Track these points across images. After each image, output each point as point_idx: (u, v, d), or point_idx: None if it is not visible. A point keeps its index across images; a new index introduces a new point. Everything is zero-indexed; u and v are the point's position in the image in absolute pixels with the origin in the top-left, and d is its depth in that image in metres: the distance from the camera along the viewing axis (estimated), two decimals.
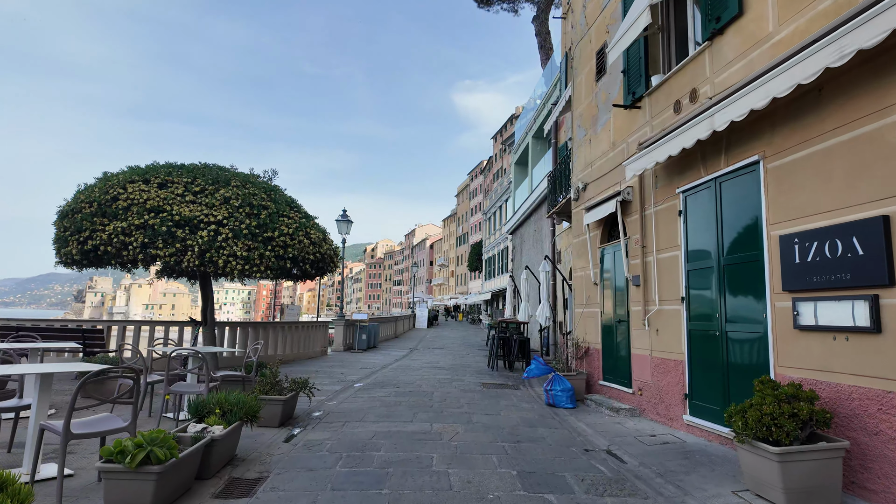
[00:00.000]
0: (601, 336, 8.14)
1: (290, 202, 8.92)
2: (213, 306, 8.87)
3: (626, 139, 7.55)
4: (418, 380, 10.05)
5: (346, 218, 16.49)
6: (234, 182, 8.34)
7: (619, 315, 7.57)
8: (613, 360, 7.76)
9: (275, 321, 13.00)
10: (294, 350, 13.13)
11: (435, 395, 8.31)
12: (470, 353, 16.89)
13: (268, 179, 9.16)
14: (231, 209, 7.95)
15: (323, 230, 9.32)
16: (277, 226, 8.18)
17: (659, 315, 6.49)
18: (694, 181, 5.89)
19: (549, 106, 16.32)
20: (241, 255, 7.78)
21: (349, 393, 8.45)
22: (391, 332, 23.98)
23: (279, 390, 6.21)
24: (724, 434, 5.19)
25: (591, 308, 8.49)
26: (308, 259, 8.51)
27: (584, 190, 8.96)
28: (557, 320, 13.20)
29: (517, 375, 11.16)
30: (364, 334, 16.36)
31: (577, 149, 9.44)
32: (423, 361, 13.75)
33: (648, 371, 6.70)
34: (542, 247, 17.66)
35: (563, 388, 7.64)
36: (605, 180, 8.17)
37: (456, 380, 10.17)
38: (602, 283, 8.19)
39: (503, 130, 63.05)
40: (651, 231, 6.75)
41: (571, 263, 9.51)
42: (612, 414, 7.02)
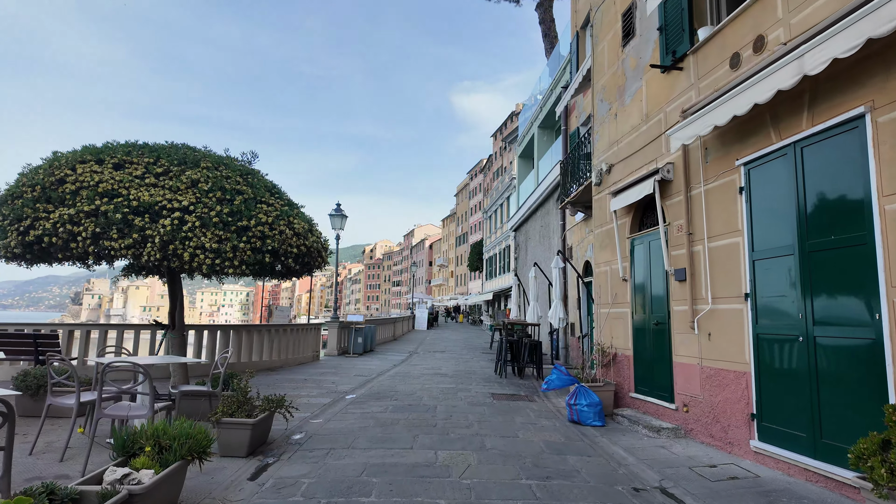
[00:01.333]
0: (632, 340, 6.98)
1: (271, 187, 7.76)
2: (182, 308, 7.70)
3: (662, 108, 6.41)
4: (419, 390, 8.89)
5: (340, 212, 15.32)
6: (204, 164, 7.18)
7: (657, 316, 6.41)
8: (648, 368, 6.60)
9: (260, 324, 11.84)
10: (282, 355, 11.96)
11: (438, 409, 7.15)
12: (474, 356, 15.73)
13: (246, 163, 8.00)
14: (199, 194, 6.79)
15: (309, 220, 8.16)
16: (254, 213, 7.02)
17: (712, 316, 5.34)
18: (761, 149, 4.73)
19: (558, 90, 15.18)
20: (211, 247, 6.62)
21: (339, 408, 7.28)
22: (389, 334, 22.81)
23: (248, 411, 5.04)
24: (814, 468, 4.03)
25: (619, 308, 7.33)
26: (291, 253, 7.35)
27: (608, 172, 7.81)
28: (569, 321, 12.05)
29: (529, 383, 9.99)
30: (360, 337, 15.19)
31: (600, 126, 8.29)
32: (424, 367, 12.58)
33: (697, 383, 5.55)
34: (551, 243, 16.51)
35: (589, 402, 6.48)
36: (636, 159, 7.02)
37: (461, 389, 9.01)
38: (633, 278, 7.04)
39: (503, 128, 61.97)
40: (700, 215, 5.59)
41: (593, 257, 8.36)
42: (652, 434, 5.86)
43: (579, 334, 12.47)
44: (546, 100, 17.53)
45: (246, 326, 11.24)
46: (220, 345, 10.62)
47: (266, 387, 8.97)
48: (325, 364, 12.82)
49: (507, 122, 61.79)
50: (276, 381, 9.58)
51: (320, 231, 8.53)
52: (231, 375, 6.44)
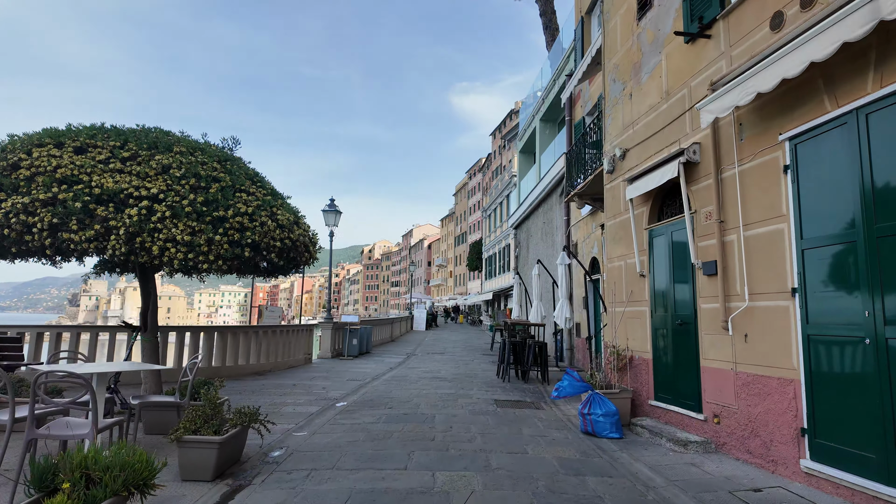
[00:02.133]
0: (651, 342, 6.31)
1: (252, 175, 7.07)
2: (155, 308, 7.01)
3: (686, 83, 5.74)
4: (416, 396, 8.20)
5: (334, 208, 14.62)
6: (177, 148, 6.49)
7: (681, 315, 5.73)
8: (670, 373, 5.92)
9: (248, 325, 11.15)
10: (271, 359, 11.27)
11: (437, 419, 6.46)
12: (474, 359, 15.04)
13: (227, 150, 7.30)
14: (170, 181, 6.10)
15: (295, 211, 7.47)
16: (232, 203, 6.33)
17: (750, 314, 4.66)
18: (811, 120, 4.06)
19: (562, 79, 14.51)
20: (183, 239, 5.92)
21: (327, 417, 6.59)
22: (387, 335, 22.13)
23: (217, 426, 4.36)
24: (887, 497, 3.35)
25: (636, 306, 6.65)
26: (274, 247, 6.65)
27: (622, 158, 7.13)
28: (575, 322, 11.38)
29: (534, 388, 9.31)
30: (354, 339, 14.49)
31: (612, 109, 7.62)
32: (422, 370, 11.89)
33: (731, 391, 4.87)
34: (554, 239, 15.85)
35: (605, 412, 5.80)
36: (654, 141, 6.35)
37: (462, 395, 8.32)
38: (652, 273, 6.36)
39: (502, 126, 61.36)
40: (733, 199, 4.92)
41: (605, 252, 7.69)
42: (678, 449, 5.18)
43: (586, 335, 11.79)
44: (549, 91, 16.87)
45: (232, 328, 10.56)
46: (204, 348, 9.92)
47: (251, 393, 8.29)
48: (318, 367, 12.12)
49: (506, 120, 61.16)
50: (263, 387, 8.89)
51: (308, 224, 7.84)
52: (202, 383, 5.74)
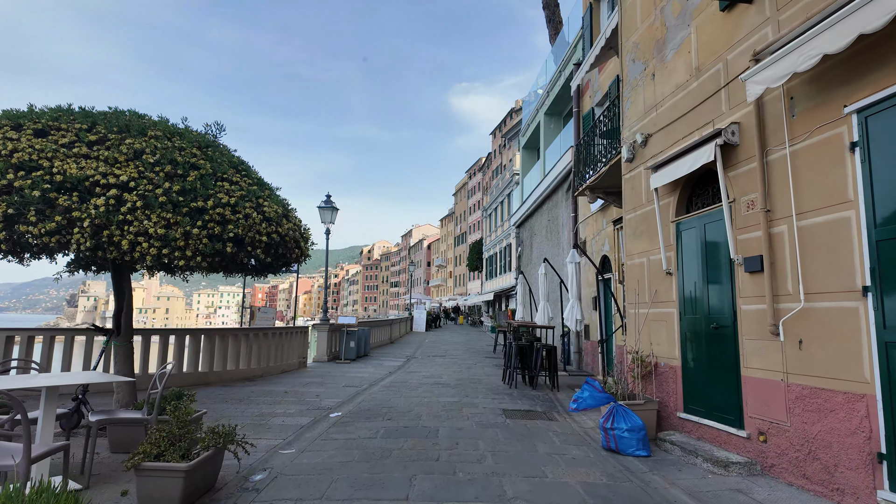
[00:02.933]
0: (680, 347, 5.66)
1: (236, 163, 6.41)
2: (129, 309, 6.35)
3: (721, 56, 5.10)
4: (417, 405, 7.55)
5: (331, 204, 13.96)
6: (152, 132, 5.84)
7: (716, 317, 5.09)
8: (704, 383, 5.27)
9: (238, 328, 10.51)
10: (263, 363, 10.61)
11: (441, 433, 5.81)
12: (476, 362, 14.39)
13: (210, 136, 6.64)
14: (143, 167, 5.45)
15: (284, 204, 6.83)
16: (213, 193, 5.68)
17: (805, 317, 4.02)
18: (887, 88, 3.42)
19: (568, 69, 13.88)
20: (156, 233, 5.28)
21: (319, 431, 5.94)
22: (385, 336, 21.47)
23: (186, 448, 3.71)
24: None
25: (661, 307, 6.01)
26: (259, 242, 6.00)
27: (643, 145, 6.49)
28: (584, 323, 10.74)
29: (544, 395, 8.66)
30: (352, 341, 13.83)
31: (632, 91, 6.98)
32: (423, 375, 11.24)
33: (781, 405, 4.23)
34: (559, 237, 15.22)
35: (631, 427, 5.15)
36: (682, 124, 5.70)
37: (467, 404, 7.67)
38: (680, 271, 5.71)
39: (503, 125, 60.77)
40: (783, 184, 4.28)
41: (624, 248, 7.04)
42: (718, 471, 4.53)
43: (597, 338, 11.15)
44: (553, 84, 16.24)
45: (220, 330, 9.90)
46: (190, 352, 9.27)
47: (238, 402, 7.64)
48: (312, 372, 11.47)
49: (506, 118, 60.59)
50: (252, 395, 8.23)
51: (299, 218, 7.19)
52: (174, 395, 5.08)
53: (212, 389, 8.62)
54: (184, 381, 8.95)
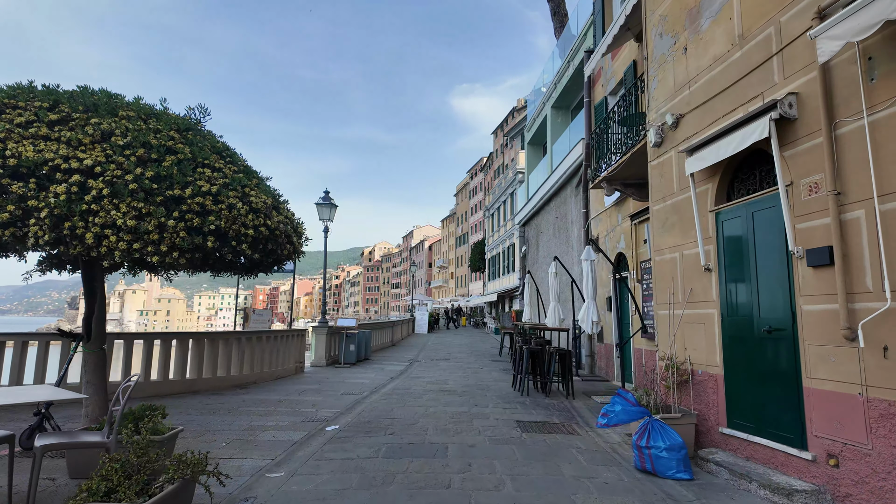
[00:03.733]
0: (722, 353, 4.98)
1: (220, 149, 5.75)
2: (102, 311, 5.69)
3: (773, 19, 4.43)
4: (422, 416, 6.88)
5: (329, 200, 13.30)
6: (124, 112, 5.19)
7: (769, 319, 4.41)
8: (753, 394, 4.60)
9: (230, 331, 9.85)
10: (256, 368, 9.94)
11: (451, 451, 5.14)
12: (483, 366, 13.71)
13: (193, 120, 5.97)
14: (112, 150, 4.79)
15: (274, 194, 6.17)
16: (192, 180, 5.02)
17: (892, 319, 3.35)
18: None
19: (579, 56, 13.21)
20: (126, 225, 4.62)
21: (313, 448, 5.27)
22: (387, 339, 20.80)
23: (143, 482, 3.04)
24: None
25: (698, 308, 5.33)
26: (246, 236, 5.33)
27: (674, 126, 5.82)
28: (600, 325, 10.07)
29: (559, 404, 7.99)
30: (352, 345, 13.16)
31: (659, 69, 6.31)
32: (427, 380, 10.57)
33: (859, 424, 3.55)
34: (568, 235, 14.55)
35: (670, 445, 4.48)
36: (723, 100, 5.03)
37: (477, 415, 7.00)
38: (722, 266, 5.04)
39: (504, 124, 60.20)
40: (860, 162, 3.60)
41: (652, 243, 6.35)
42: (779, 499, 3.85)
43: (613, 341, 10.48)
44: (561, 75, 15.57)
45: (210, 334, 9.24)
46: (177, 358, 8.60)
47: (226, 412, 6.97)
48: (309, 378, 10.80)
49: (508, 118, 60.03)
50: (242, 404, 7.57)
51: (291, 211, 6.54)
52: (144, 411, 4.40)
53: (199, 398, 7.96)
54: (170, 389, 8.29)
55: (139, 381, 8.03)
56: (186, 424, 6.22)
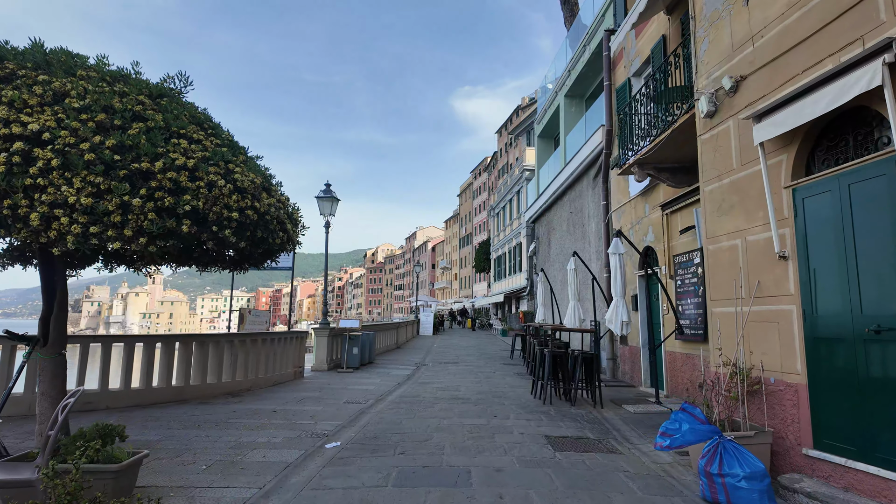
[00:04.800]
0: (804, 359, 4.11)
1: (201, 119, 4.91)
2: (63, 311, 4.85)
3: None
4: (435, 429, 6.03)
5: (331, 193, 12.47)
6: (83, 72, 4.35)
7: (876, 315, 3.53)
8: (852, 408, 3.72)
9: (221, 333, 9.00)
10: (251, 374, 9.10)
11: (475, 477, 4.28)
12: (495, 370, 12.84)
13: (174, 91, 5.10)
14: (65, 114, 3.96)
15: (265, 174, 5.33)
16: (164, 151, 4.18)
17: None
18: None
19: (596, 39, 12.34)
20: (80, 203, 3.79)
21: (309, 472, 4.42)
22: (392, 341, 19.95)
23: None
24: None
25: (769, 304, 4.46)
26: (230, 220, 4.48)
27: (733, 91, 4.95)
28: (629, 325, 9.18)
29: (587, 414, 7.11)
30: (355, 348, 12.32)
31: (710, 29, 5.44)
32: (437, 387, 9.70)
33: None
34: (585, 230, 13.68)
35: (750, 473, 3.60)
36: (802, 53, 4.16)
37: (498, 428, 6.14)
38: (804, 253, 4.16)
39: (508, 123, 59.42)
40: None
41: (704, 229, 5.45)
42: None
43: (640, 342, 9.61)
44: (576, 62, 14.71)
45: (199, 336, 8.41)
46: (162, 363, 7.77)
47: (213, 426, 6.13)
48: (309, 384, 9.94)
49: (512, 116, 59.27)
50: (233, 416, 6.72)
51: (286, 196, 5.70)
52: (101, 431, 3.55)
53: (185, 409, 7.12)
54: (153, 398, 7.45)
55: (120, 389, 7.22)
56: (165, 441, 5.38)
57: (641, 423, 6.61)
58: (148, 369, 7.54)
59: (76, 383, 6.91)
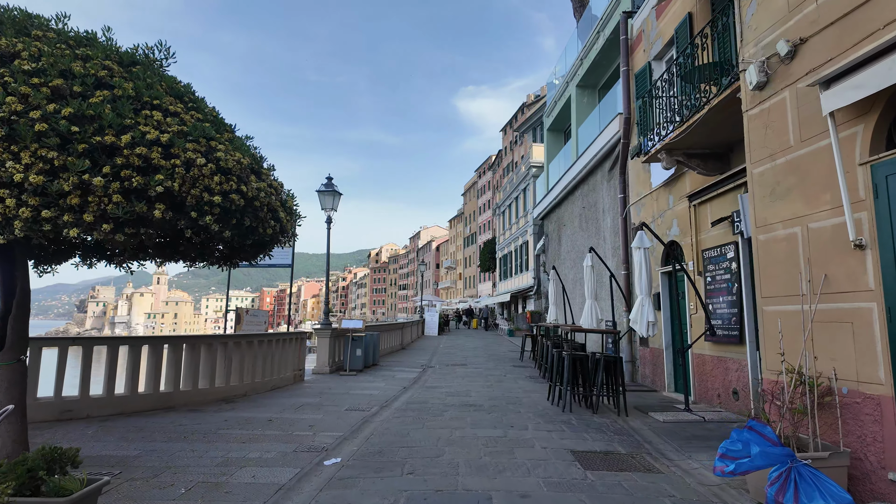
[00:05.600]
0: (887, 365, 3.46)
1: (180, 92, 4.29)
2: (24, 310, 4.26)
3: None
4: (447, 442, 5.40)
5: (332, 188, 11.85)
6: (39, 33, 3.75)
7: None
8: None
9: (214, 335, 8.39)
10: (247, 378, 8.50)
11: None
12: (505, 372, 12.20)
13: (156, 64, 4.49)
14: (12, 78, 3.36)
15: (254, 155, 4.72)
16: (133, 123, 3.58)
17: None
18: None
19: (614, 20, 11.67)
20: (30, 183, 3.19)
21: (304, 498, 3.81)
22: (396, 342, 19.33)
23: None
24: None
25: (841, 301, 3.81)
26: (211, 205, 3.87)
27: (790, 57, 4.30)
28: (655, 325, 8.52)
29: (612, 423, 6.47)
30: (358, 349, 11.70)
31: None
32: (446, 392, 9.08)
33: None
34: (599, 226, 13.03)
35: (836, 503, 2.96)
36: (875, 7, 3.52)
37: (517, 441, 5.51)
38: (888, 240, 3.51)
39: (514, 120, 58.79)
40: None
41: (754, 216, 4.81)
42: None
43: (664, 344, 8.96)
44: (588, 49, 14.05)
45: (191, 337, 7.82)
46: (149, 368, 7.18)
47: (200, 437, 5.53)
48: (310, 388, 9.34)
49: (518, 113, 58.65)
50: (224, 425, 6.12)
51: (279, 182, 5.09)
52: (47, 456, 2.93)
53: (172, 417, 6.53)
54: (139, 405, 6.87)
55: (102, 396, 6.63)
56: (144, 457, 4.78)
57: (674, 434, 5.97)
58: (133, 374, 6.95)
59: (54, 390, 6.34)
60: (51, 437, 5.50)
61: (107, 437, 5.46)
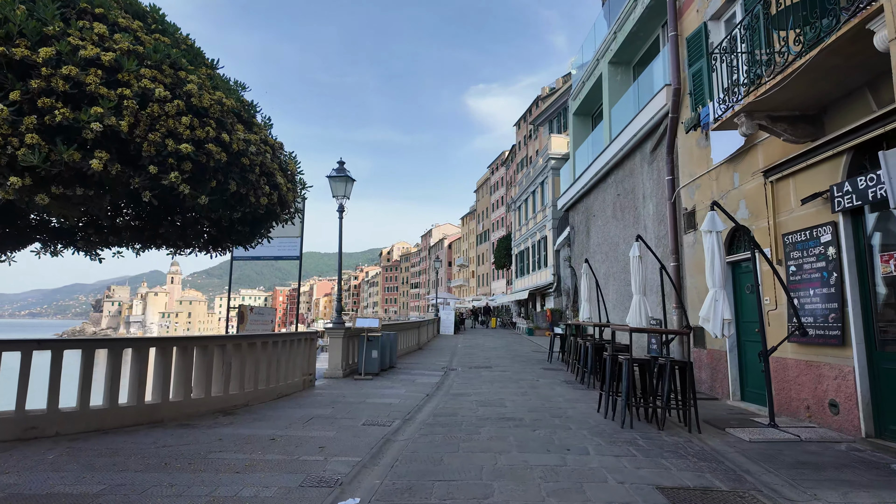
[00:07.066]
0: None
1: (142, 13, 3.18)
2: None
3: None
4: (492, 474, 4.26)
5: (344, 172, 10.74)
6: None
7: None
8: None
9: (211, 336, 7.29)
10: (250, 385, 7.41)
11: None
12: (536, 376, 11.01)
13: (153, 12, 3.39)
14: None
15: (241, 98, 3.60)
16: (59, 31, 2.46)
17: None
18: None
19: None
20: None
21: None
22: (413, 342, 18.21)
23: None
24: None
25: None
26: (178, 156, 2.76)
27: None
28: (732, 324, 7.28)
29: (687, 444, 5.27)
30: (374, 350, 10.59)
31: None
32: (476, 400, 7.93)
33: None
34: (638, 213, 11.79)
35: None
36: None
37: (582, 473, 4.34)
38: None
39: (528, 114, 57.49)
40: None
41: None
42: None
43: (729, 346, 7.72)
44: (623, 21, 12.78)
45: (184, 339, 6.75)
46: (132, 375, 6.12)
47: (185, 465, 4.43)
48: (321, 396, 8.24)
49: (532, 107, 57.36)
50: (214, 448, 5.02)
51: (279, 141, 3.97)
52: None
53: (156, 435, 5.45)
54: (117, 420, 5.81)
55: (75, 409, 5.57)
56: (107, 495, 3.70)
57: (772, 459, 4.77)
58: (113, 382, 5.89)
59: (16, 402, 5.30)
60: (12, 456, 4.46)
61: (68, 466, 4.39)
